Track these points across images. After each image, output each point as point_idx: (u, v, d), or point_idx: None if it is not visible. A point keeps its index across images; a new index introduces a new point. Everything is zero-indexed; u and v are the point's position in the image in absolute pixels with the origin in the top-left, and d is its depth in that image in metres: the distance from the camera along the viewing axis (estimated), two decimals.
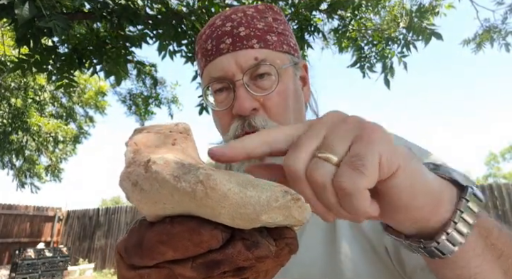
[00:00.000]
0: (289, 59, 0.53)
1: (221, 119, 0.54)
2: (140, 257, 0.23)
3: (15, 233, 8.31)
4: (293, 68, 0.54)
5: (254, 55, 0.50)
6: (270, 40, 0.51)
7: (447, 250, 0.29)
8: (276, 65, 0.50)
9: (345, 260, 0.48)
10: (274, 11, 0.56)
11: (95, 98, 8.21)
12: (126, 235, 0.26)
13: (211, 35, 0.53)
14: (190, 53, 3.05)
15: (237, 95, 0.50)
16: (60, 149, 7.89)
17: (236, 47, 0.50)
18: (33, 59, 2.26)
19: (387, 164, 0.24)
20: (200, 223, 0.22)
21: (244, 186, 0.21)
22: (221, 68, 0.51)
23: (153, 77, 5.49)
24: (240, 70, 0.50)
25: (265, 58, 0.50)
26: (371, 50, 3.41)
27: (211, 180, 0.20)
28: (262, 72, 0.50)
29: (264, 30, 0.51)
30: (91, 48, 2.53)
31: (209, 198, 0.20)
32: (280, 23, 0.55)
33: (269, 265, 0.25)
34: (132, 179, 0.22)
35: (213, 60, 0.52)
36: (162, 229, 0.22)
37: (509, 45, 3.95)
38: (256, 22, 0.52)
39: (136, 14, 2.41)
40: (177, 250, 0.22)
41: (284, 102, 0.51)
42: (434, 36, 2.97)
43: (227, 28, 0.52)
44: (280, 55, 0.52)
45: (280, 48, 0.52)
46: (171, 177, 0.20)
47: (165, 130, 0.25)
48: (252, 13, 0.54)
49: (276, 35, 0.52)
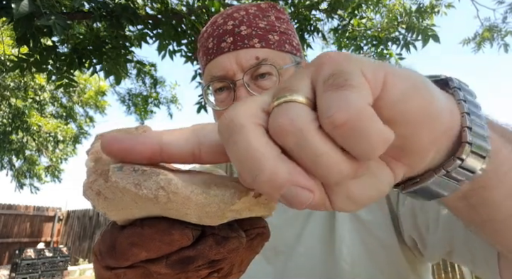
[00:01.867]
0: (290, 59, 0.53)
1: None
2: (114, 259, 0.24)
3: (15, 233, 8.31)
4: (294, 68, 0.53)
5: (256, 55, 0.49)
6: (272, 40, 0.50)
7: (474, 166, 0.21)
8: (278, 65, 0.50)
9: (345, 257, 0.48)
10: (277, 9, 0.56)
11: (95, 98, 8.21)
12: (100, 238, 0.26)
13: (212, 33, 0.53)
14: (190, 53, 3.05)
15: (238, 94, 0.49)
16: (61, 149, 7.89)
17: (237, 46, 0.50)
18: (32, 58, 2.26)
19: (371, 76, 0.17)
20: (169, 224, 0.22)
21: (208, 185, 0.21)
22: (222, 67, 0.51)
23: (153, 76, 5.49)
24: (241, 69, 0.50)
25: (266, 57, 0.50)
26: (370, 50, 3.41)
27: (172, 185, 0.20)
28: (262, 72, 0.50)
29: (266, 30, 0.51)
30: (91, 47, 2.53)
31: (173, 202, 0.20)
32: (283, 22, 0.54)
33: (243, 254, 0.25)
34: (95, 189, 0.22)
35: (214, 58, 0.52)
36: (133, 232, 0.23)
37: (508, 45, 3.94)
38: (258, 21, 0.51)
39: (135, 14, 2.41)
40: (150, 250, 0.22)
41: None
42: (433, 39, 2.97)
43: (229, 26, 0.51)
44: (282, 54, 0.51)
45: (282, 48, 0.52)
46: (132, 185, 0.20)
47: None
48: (255, 11, 0.53)
49: (278, 34, 0.52)
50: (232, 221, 0.24)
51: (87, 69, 2.64)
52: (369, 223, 0.49)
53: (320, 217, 0.53)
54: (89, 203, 0.24)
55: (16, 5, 1.52)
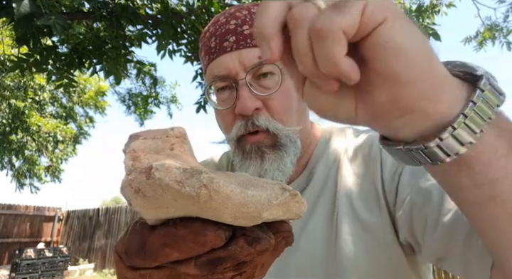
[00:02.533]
0: None
1: (224, 118, 0.54)
2: (142, 259, 0.24)
3: (15, 233, 8.30)
4: None
5: (258, 54, 0.49)
6: None
7: (452, 149, 0.24)
8: (280, 65, 0.49)
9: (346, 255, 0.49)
10: None
11: (95, 98, 8.21)
12: (126, 238, 0.26)
13: (215, 32, 0.52)
14: (190, 53, 3.04)
15: (240, 94, 0.49)
16: (60, 149, 7.88)
17: (240, 45, 0.49)
18: (32, 59, 2.26)
19: (371, 12, 0.21)
20: (203, 225, 0.22)
21: (245, 186, 0.22)
22: (224, 67, 0.50)
23: (153, 76, 5.49)
24: (243, 68, 0.50)
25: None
26: None
27: (214, 183, 0.20)
28: (265, 71, 0.50)
29: None
30: (91, 47, 2.53)
31: (213, 201, 0.21)
32: None
33: (267, 258, 0.26)
34: (134, 186, 0.22)
35: (216, 58, 0.51)
36: (166, 232, 0.23)
37: (510, 43, 3.94)
38: None
39: (135, 14, 2.41)
40: (182, 251, 0.22)
41: (288, 102, 0.51)
42: (433, 37, 2.97)
43: (231, 26, 0.51)
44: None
45: None
46: (175, 182, 0.20)
47: (161, 135, 0.26)
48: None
49: None
50: (261, 224, 0.25)
51: (87, 69, 2.63)
52: (369, 223, 0.49)
53: (321, 215, 0.53)
54: (89, 203, 0.24)
55: (17, 5, 1.51)
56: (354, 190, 0.52)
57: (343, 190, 0.52)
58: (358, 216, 0.50)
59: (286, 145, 0.50)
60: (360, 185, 0.52)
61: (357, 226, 0.50)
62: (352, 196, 0.51)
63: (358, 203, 0.51)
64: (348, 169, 0.55)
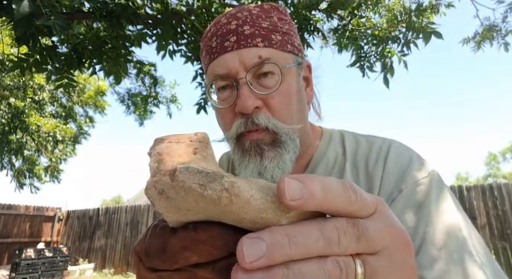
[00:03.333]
0: (292, 59, 0.53)
1: (224, 117, 0.54)
2: (163, 261, 0.24)
3: (15, 233, 8.31)
4: (296, 68, 0.54)
5: (259, 54, 0.50)
6: (274, 40, 0.51)
7: None
8: (280, 64, 0.50)
9: None
10: (279, 10, 0.56)
11: (95, 98, 8.21)
12: (147, 239, 0.26)
13: (216, 32, 0.53)
14: (190, 53, 3.05)
15: (240, 93, 0.50)
16: (60, 149, 7.88)
17: (240, 45, 0.50)
18: (32, 59, 2.26)
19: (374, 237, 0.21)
20: (222, 229, 0.23)
21: (265, 192, 0.22)
22: (225, 66, 0.51)
23: (153, 76, 5.49)
24: (244, 68, 0.50)
25: (269, 56, 0.50)
26: (371, 49, 3.41)
27: (235, 187, 0.21)
28: (265, 70, 0.51)
29: (269, 30, 0.51)
30: (91, 47, 2.53)
31: (233, 205, 0.21)
32: (285, 23, 0.55)
33: None
34: (158, 188, 0.23)
35: (217, 57, 0.52)
36: (186, 235, 0.23)
37: (508, 44, 3.94)
38: (261, 21, 0.52)
39: (135, 14, 2.41)
40: (201, 255, 0.23)
41: (287, 101, 0.51)
42: (435, 35, 2.96)
43: (232, 26, 0.52)
44: (284, 54, 0.52)
45: (284, 48, 0.52)
46: (197, 185, 0.21)
47: (185, 140, 0.26)
48: (258, 12, 0.54)
49: (280, 34, 0.52)
50: None
51: (87, 69, 2.64)
52: None
53: None
54: (89, 203, 0.24)
55: (17, 5, 1.52)
56: None
57: None
58: None
59: (286, 143, 0.51)
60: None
61: None
62: None
63: None
64: (350, 174, 0.55)
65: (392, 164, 0.52)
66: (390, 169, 0.52)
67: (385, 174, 0.52)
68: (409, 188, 0.49)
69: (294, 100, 0.52)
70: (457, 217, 0.47)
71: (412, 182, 0.50)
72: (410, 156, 0.54)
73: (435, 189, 0.49)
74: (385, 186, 0.51)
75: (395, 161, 0.53)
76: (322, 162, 0.58)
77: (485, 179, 29.62)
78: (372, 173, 0.53)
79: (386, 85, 3.27)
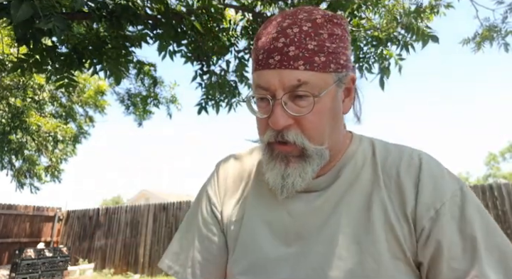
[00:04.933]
0: (333, 78, 0.55)
1: (259, 123, 0.59)
2: None
3: (15, 233, 8.31)
4: (335, 87, 0.55)
5: (298, 77, 0.52)
6: (317, 62, 0.52)
7: None
8: (317, 88, 0.53)
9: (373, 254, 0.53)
10: (333, 23, 0.56)
11: (95, 97, 8.21)
12: None
13: (264, 46, 0.55)
14: (190, 53, 3.05)
15: (274, 110, 0.53)
16: (60, 149, 7.88)
17: (282, 65, 0.52)
18: (32, 59, 2.26)
19: None
20: None
21: None
22: (266, 81, 0.54)
23: (153, 76, 5.49)
24: (282, 88, 0.53)
25: (308, 80, 0.52)
26: (370, 50, 3.41)
27: None
28: (301, 94, 0.53)
29: (314, 51, 0.53)
30: (91, 47, 2.53)
31: None
32: (335, 38, 0.55)
33: None
34: None
35: (261, 70, 0.55)
36: None
37: (508, 45, 3.95)
38: (308, 41, 0.53)
39: (136, 14, 2.41)
40: None
41: (319, 121, 0.54)
42: (432, 39, 2.97)
43: (280, 44, 0.53)
44: (324, 76, 0.53)
45: (326, 69, 0.53)
46: None
47: None
48: (308, 29, 0.54)
49: (325, 55, 0.53)
50: None
51: (87, 69, 2.64)
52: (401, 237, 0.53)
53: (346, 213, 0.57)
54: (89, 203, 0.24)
55: (15, 10, 1.51)
56: (387, 201, 0.56)
57: (377, 197, 0.56)
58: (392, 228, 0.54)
59: (312, 157, 0.55)
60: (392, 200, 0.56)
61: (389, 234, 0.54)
62: (386, 206, 0.55)
63: (392, 215, 0.54)
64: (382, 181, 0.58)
65: (427, 175, 0.56)
66: (426, 181, 0.55)
67: (421, 185, 0.55)
68: (449, 200, 0.53)
69: (326, 119, 0.55)
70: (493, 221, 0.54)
71: (450, 194, 0.54)
72: (441, 168, 0.58)
73: (469, 197, 0.54)
74: (424, 198, 0.54)
75: (429, 172, 0.56)
76: (350, 164, 0.61)
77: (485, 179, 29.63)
78: (403, 182, 0.56)
79: (382, 87, 3.28)
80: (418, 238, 0.53)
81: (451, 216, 0.52)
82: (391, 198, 0.55)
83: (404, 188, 0.55)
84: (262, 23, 3.35)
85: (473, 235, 0.51)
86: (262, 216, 0.61)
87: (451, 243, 0.51)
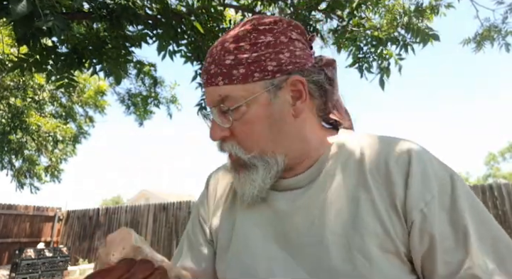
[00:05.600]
0: (262, 86, 0.55)
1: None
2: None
3: (15, 233, 8.31)
4: (267, 94, 0.55)
5: (218, 93, 0.56)
6: (235, 75, 0.54)
7: None
8: (242, 99, 0.55)
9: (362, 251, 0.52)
10: (259, 31, 0.56)
11: (95, 98, 8.21)
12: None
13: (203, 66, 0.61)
14: (190, 53, 3.05)
15: (210, 124, 0.59)
16: (60, 149, 7.88)
17: (208, 84, 0.57)
18: (32, 59, 2.26)
19: None
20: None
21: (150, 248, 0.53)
22: (206, 98, 0.60)
23: (153, 76, 5.49)
24: (212, 104, 0.58)
25: (228, 94, 0.55)
26: (370, 50, 3.41)
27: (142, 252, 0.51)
28: (224, 108, 0.56)
29: (231, 66, 0.55)
30: (91, 47, 2.53)
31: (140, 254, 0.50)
32: (260, 46, 0.55)
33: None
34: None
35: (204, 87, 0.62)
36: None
37: (509, 45, 3.95)
38: (226, 57, 0.55)
39: (136, 14, 2.41)
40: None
41: (250, 131, 0.56)
42: (433, 38, 2.97)
43: (206, 64, 0.58)
44: (248, 86, 0.54)
45: (248, 80, 0.54)
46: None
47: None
48: (229, 44, 0.56)
49: (245, 66, 0.54)
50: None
51: (87, 69, 2.64)
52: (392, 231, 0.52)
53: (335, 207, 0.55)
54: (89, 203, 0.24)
55: (14, 6, 1.51)
56: (375, 195, 0.54)
57: (365, 191, 0.55)
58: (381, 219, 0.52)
59: (255, 165, 0.57)
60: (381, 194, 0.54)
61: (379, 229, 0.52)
62: (375, 200, 0.54)
63: (382, 209, 0.53)
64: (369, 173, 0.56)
65: (417, 166, 0.53)
66: (415, 172, 0.53)
67: (410, 177, 0.53)
68: (439, 191, 0.52)
69: (260, 128, 0.56)
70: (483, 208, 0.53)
71: (440, 184, 0.53)
72: (430, 158, 0.56)
73: (459, 186, 0.53)
74: (413, 190, 0.52)
75: (419, 163, 0.54)
76: (332, 159, 0.59)
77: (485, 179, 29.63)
78: (392, 174, 0.54)
79: (382, 86, 3.28)
80: (409, 232, 0.51)
81: (441, 207, 0.51)
82: (380, 192, 0.54)
83: (394, 181, 0.53)
84: None
85: (464, 225, 0.49)
86: (252, 220, 0.61)
87: (442, 235, 0.50)
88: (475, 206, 0.52)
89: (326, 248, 0.53)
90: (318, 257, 0.53)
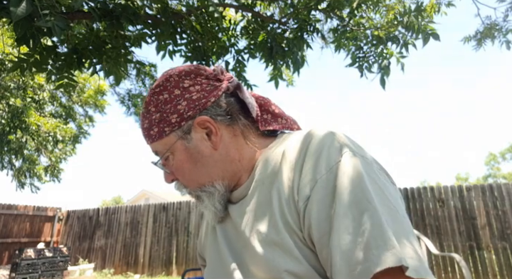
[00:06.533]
0: (175, 135, 0.64)
1: None
2: None
3: (15, 233, 8.31)
4: (181, 140, 0.64)
5: (152, 149, 0.68)
6: (153, 134, 0.65)
7: None
8: (165, 150, 0.66)
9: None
10: (156, 92, 0.65)
11: (95, 97, 8.20)
12: None
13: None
14: (190, 53, 3.05)
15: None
16: (60, 149, 7.87)
17: (148, 141, 0.68)
18: (32, 58, 2.26)
19: None
20: None
21: None
22: None
23: (153, 77, 5.48)
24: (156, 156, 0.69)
25: (156, 149, 0.67)
26: (370, 49, 3.41)
27: None
28: (163, 157, 0.67)
29: (148, 128, 0.66)
30: (91, 47, 2.53)
31: None
32: (160, 106, 0.64)
33: None
34: None
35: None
36: None
37: (509, 43, 3.94)
38: (144, 122, 0.66)
39: (135, 14, 2.41)
40: None
41: (182, 172, 0.66)
42: (433, 37, 2.97)
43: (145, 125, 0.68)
44: (165, 140, 0.65)
45: (163, 135, 0.64)
46: None
47: None
48: (144, 111, 0.67)
49: (156, 125, 0.64)
50: None
51: (87, 69, 2.63)
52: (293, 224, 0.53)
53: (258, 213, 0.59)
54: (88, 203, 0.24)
55: (14, 8, 1.51)
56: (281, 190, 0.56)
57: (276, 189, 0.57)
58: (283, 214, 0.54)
59: (200, 196, 0.66)
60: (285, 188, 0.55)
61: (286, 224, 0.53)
62: (281, 196, 0.55)
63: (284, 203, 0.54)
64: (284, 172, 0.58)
65: (312, 152, 0.54)
66: (309, 159, 0.54)
67: (304, 164, 0.54)
68: (323, 176, 0.50)
69: (188, 167, 0.65)
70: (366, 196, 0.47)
71: (327, 168, 0.51)
72: (330, 141, 0.54)
73: (346, 169, 0.49)
74: (304, 178, 0.53)
75: (314, 149, 0.54)
76: (259, 168, 0.63)
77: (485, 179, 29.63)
78: (294, 165, 0.56)
79: (382, 86, 3.28)
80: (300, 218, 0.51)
81: (322, 193, 0.49)
82: (285, 186, 0.55)
83: (294, 171, 0.54)
84: (261, 23, 3.35)
85: (336, 211, 0.46)
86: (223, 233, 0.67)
87: (318, 224, 0.48)
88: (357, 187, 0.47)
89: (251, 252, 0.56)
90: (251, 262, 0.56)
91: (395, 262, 0.41)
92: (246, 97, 0.68)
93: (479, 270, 5.54)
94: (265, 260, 0.53)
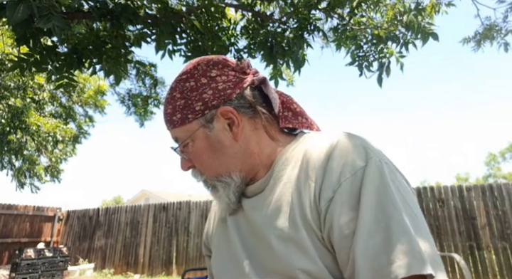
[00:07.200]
0: (197, 123, 0.65)
1: None
2: None
3: (15, 233, 8.30)
4: (203, 129, 0.65)
5: (172, 135, 0.68)
6: (175, 120, 0.66)
7: None
8: (186, 137, 0.66)
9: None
10: (183, 80, 0.65)
11: (95, 97, 8.20)
12: None
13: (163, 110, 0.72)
14: (190, 52, 3.04)
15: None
16: (60, 149, 7.87)
17: (167, 127, 0.69)
18: (32, 58, 2.26)
19: None
20: None
21: None
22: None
23: (153, 77, 5.48)
24: (174, 143, 0.70)
25: (177, 135, 0.67)
26: (370, 48, 3.41)
27: None
28: (182, 146, 0.67)
29: (171, 114, 0.66)
30: (91, 47, 2.53)
31: None
32: (186, 93, 0.64)
33: None
34: None
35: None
36: None
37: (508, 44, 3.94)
38: (167, 107, 0.67)
39: (135, 14, 2.41)
40: None
41: (200, 160, 0.66)
42: (432, 37, 2.97)
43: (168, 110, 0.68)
44: (186, 127, 0.65)
45: (185, 121, 0.65)
46: None
47: None
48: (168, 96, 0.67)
49: (180, 112, 0.65)
50: None
51: (87, 69, 2.63)
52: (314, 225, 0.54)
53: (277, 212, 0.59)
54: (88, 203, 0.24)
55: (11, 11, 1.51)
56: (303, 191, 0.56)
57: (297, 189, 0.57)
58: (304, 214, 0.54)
59: (215, 185, 0.66)
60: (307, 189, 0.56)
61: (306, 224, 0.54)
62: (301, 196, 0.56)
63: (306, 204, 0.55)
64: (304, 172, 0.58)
65: (336, 156, 0.54)
66: (333, 162, 0.54)
67: (328, 167, 0.54)
68: (348, 180, 0.51)
69: (207, 156, 0.65)
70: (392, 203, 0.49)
71: (352, 172, 0.52)
72: (354, 145, 0.55)
73: (371, 175, 0.51)
74: (327, 180, 0.53)
75: (339, 153, 0.55)
76: (280, 163, 0.64)
77: (485, 179, 29.64)
78: (316, 167, 0.56)
79: (379, 84, 3.29)
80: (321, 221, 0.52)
81: (346, 196, 0.50)
82: (306, 185, 0.56)
83: (317, 172, 0.55)
84: (261, 23, 3.34)
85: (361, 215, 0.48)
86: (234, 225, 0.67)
87: (339, 225, 0.49)
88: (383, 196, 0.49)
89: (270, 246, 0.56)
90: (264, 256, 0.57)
91: (420, 269, 0.43)
92: (270, 92, 0.68)
93: (479, 270, 5.54)
94: (280, 255, 0.53)
